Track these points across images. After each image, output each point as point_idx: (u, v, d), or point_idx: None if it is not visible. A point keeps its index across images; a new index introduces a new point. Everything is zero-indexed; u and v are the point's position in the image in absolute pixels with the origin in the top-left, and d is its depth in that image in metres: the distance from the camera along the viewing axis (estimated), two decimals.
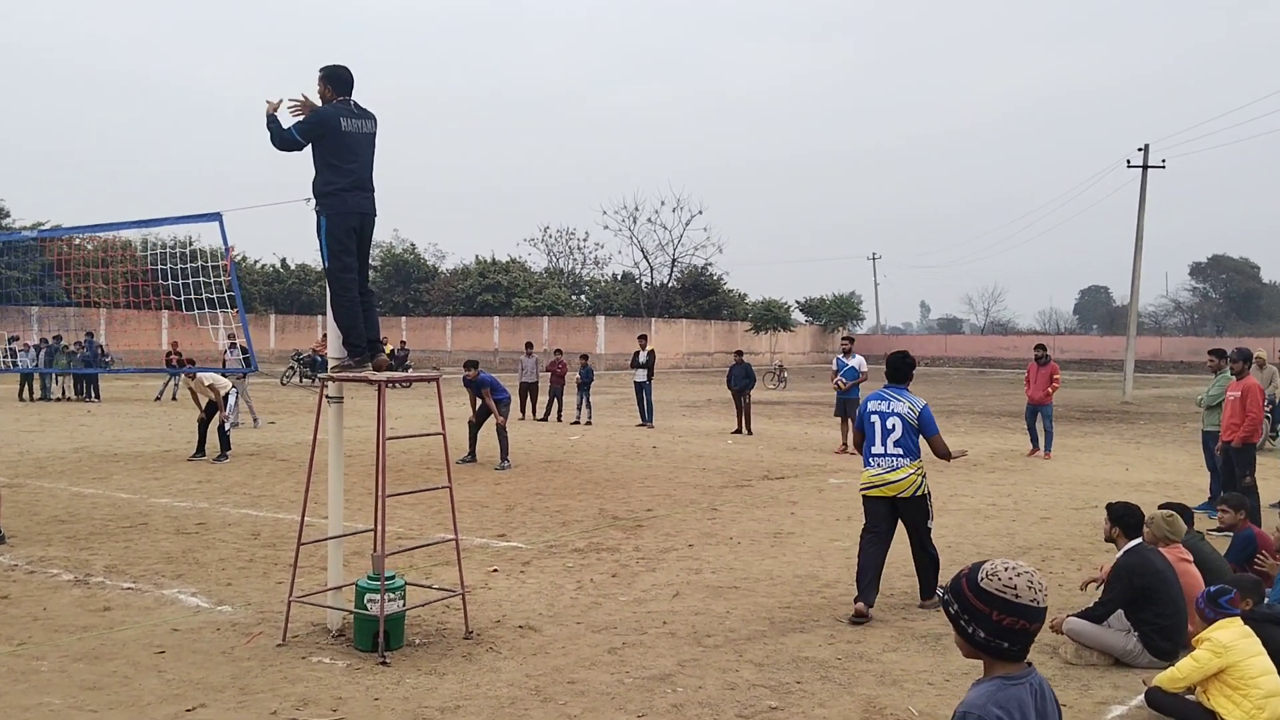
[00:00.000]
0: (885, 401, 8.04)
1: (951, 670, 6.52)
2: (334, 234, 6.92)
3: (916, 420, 7.92)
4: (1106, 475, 15.71)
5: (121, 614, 7.50)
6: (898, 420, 7.90)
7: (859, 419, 8.24)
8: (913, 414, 7.93)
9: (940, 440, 8.07)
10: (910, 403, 8.00)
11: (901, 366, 8.28)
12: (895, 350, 8.60)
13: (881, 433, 7.93)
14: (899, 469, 7.87)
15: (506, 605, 7.92)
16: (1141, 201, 34.86)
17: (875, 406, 8.05)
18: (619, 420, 24.69)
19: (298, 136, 6.81)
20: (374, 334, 7.24)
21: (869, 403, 8.13)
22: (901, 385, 8.19)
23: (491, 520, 11.41)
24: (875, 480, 7.95)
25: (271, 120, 6.90)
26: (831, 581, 8.78)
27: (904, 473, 7.87)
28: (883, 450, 7.90)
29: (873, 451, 7.97)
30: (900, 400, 8.02)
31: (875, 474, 7.95)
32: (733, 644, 6.99)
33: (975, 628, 2.58)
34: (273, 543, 10.12)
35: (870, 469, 7.99)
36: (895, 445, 7.87)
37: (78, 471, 14.73)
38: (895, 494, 7.89)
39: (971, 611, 2.58)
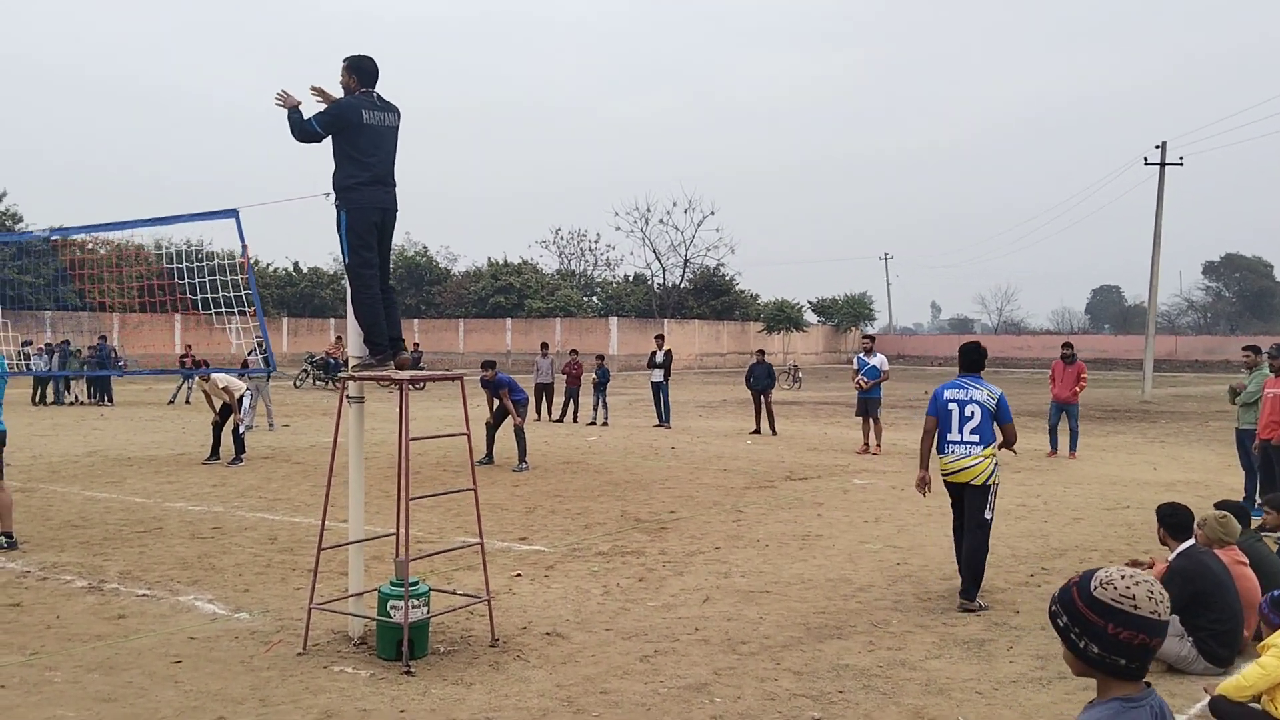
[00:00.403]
0: (963, 390, 8.24)
1: (999, 678, 6.26)
2: (355, 229, 6.70)
3: (995, 407, 8.11)
4: (1134, 475, 15.41)
5: (136, 622, 7.28)
6: (977, 408, 8.11)
7: (933, 407, 8.37)
8: (991, 401, 8.13)
9: (1012, 427, 8.25)
10: (989, 390, 8.21)
11: (975, 356, 8.49)
12: (968, 341, 8.83)
13: (959, 420, 8.14)
14: (973, 455, 8.05)
15: (532, 611, 7.68)
16: (1159, 199, 34.50)
17: (952, 395, 8.25)
18: (635, 421, 24.45)
19: (318, 128, 6.59)
20: (396, 332, 7.01)
21: (945, 391, 8.34)
22: (976, 374, 8.39)
23: (512, 523, 11.17)
24: (950, 466, 8.17)
25: (293, 112, 6.68)
26: (865, 585, 8.51)
27: (977, 459, 8.04)
28: (959, 437, 8.12)
29: (949, 438, 8.18)
30: (978, 389, 8.22)
31: (950, 460, 8.16)
32: (769, 651, 6.74)
33: (1088, 642, 2.31)
34: (290, 547, 9.90)
35: (945, 455, 8.20)
36: (972, 433, 8.08)
37: (91, 476, 14.55)
38: (967, 480, 8.07)
39: (1084, 624, 2.32)
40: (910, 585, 8.55)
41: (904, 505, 12.40)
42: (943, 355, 75.48)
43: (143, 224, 7.73)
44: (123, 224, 7.83)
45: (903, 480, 14.52)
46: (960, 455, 8.09)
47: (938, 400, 8.35)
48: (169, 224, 7.54)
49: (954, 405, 8.21)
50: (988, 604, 8.00)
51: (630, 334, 60.43)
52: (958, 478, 8.14)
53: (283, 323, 62.94)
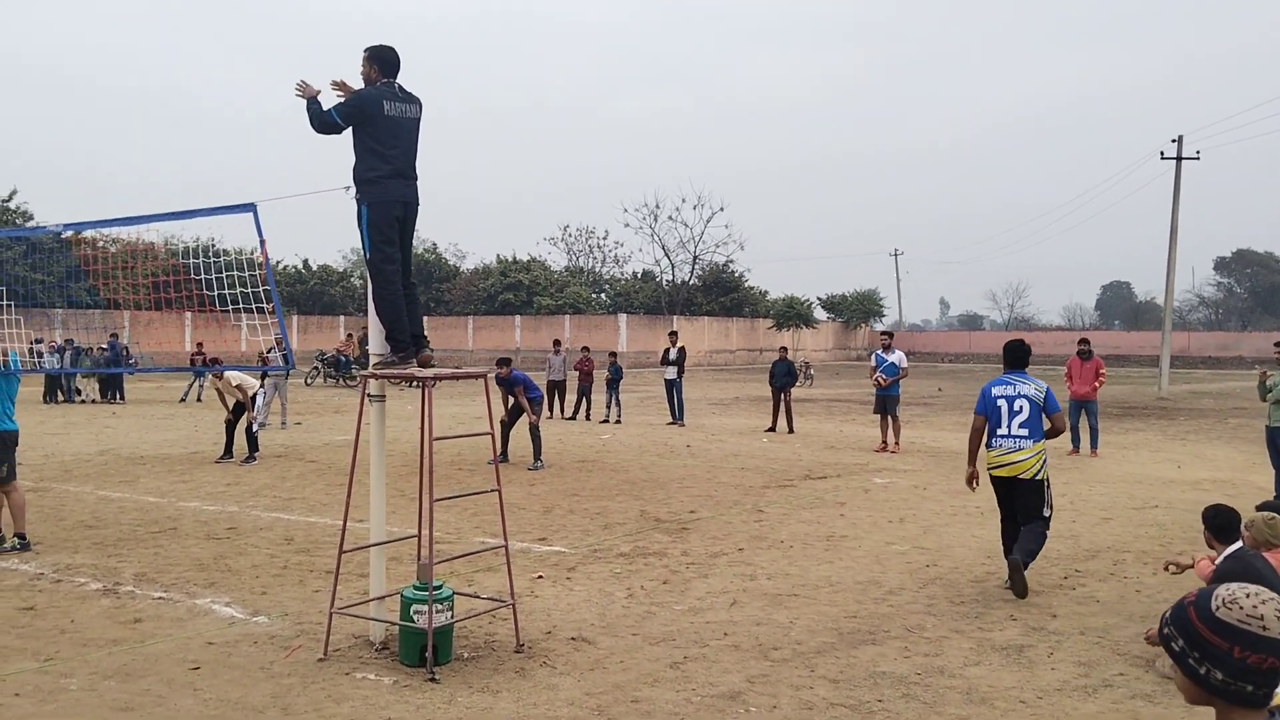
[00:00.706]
0: (1011, 386, 8.48)
1: (1043, 686, 6.06)
2: (376, 223, 6.52)
3: (1044, 401, 8.33)
4: (1159, 473, 15.19)
5: (153, 626, 7.12)
6: (1025, 402, 8.32)
7: (982, 405, 8.59)
8: (1039, 395, 8.36)
9: (1061, 417, 8.56)
10: (1035, 385, 8.46)
11: (1020, 353, 8.71)
12: (1012, 339, 9.06)
13: (1008, 414, 8.35)
14: (1023, 449, 8.26)
15: (556, 615, 7.50)
16: (1176, 193, 34.22)
17: (1000, 391, 8.49)
18: (648, 419, 24.26)
19: (338, 119, 6.41)
20: (418, 329, 6.84)
21: (993, 388, 8.56)
22: (1022, 370, 8.64)
23: (530, 523, 11.00)
24: (999, 460, 8.35)
25: (312, 102, 6.50)
26: (895, 589, 8.32)
27: (1027, 453, 8.24)
28: (1008, 431, 8.33)
29: (998, 432, 8.38)
30: (1026, 384, 8.47)
31: (999, 454, 8.35)
32: (802, 658, 6.55)
33: (1210, 668, 2.08)
34: (306, 548, 9.74)
35: (994, 449, 8.40)
36: (1021, 427, 8.28)
37: (104, 475, 14.41)
38: (1017, 474, 8.27)
39: (1204, 648, 2.09)
40: (942, 588, 8.35)
41: (928, 505, 12.20)
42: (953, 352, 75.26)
43: (159, 218, 7.57)
44: (138, 219, 7.68)
45: (924, 479, 14.33)
46: (1009, 449, 8.28)
47: (986, 397, 8.56)
48: (186, 218, 7.38)
49: (1003, 401, 8.42)
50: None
51: (640, 331, 60.28)
52: (1007, 471, 8.30)
53: (293, 320, 62.88)
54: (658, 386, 36.47)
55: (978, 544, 10.04)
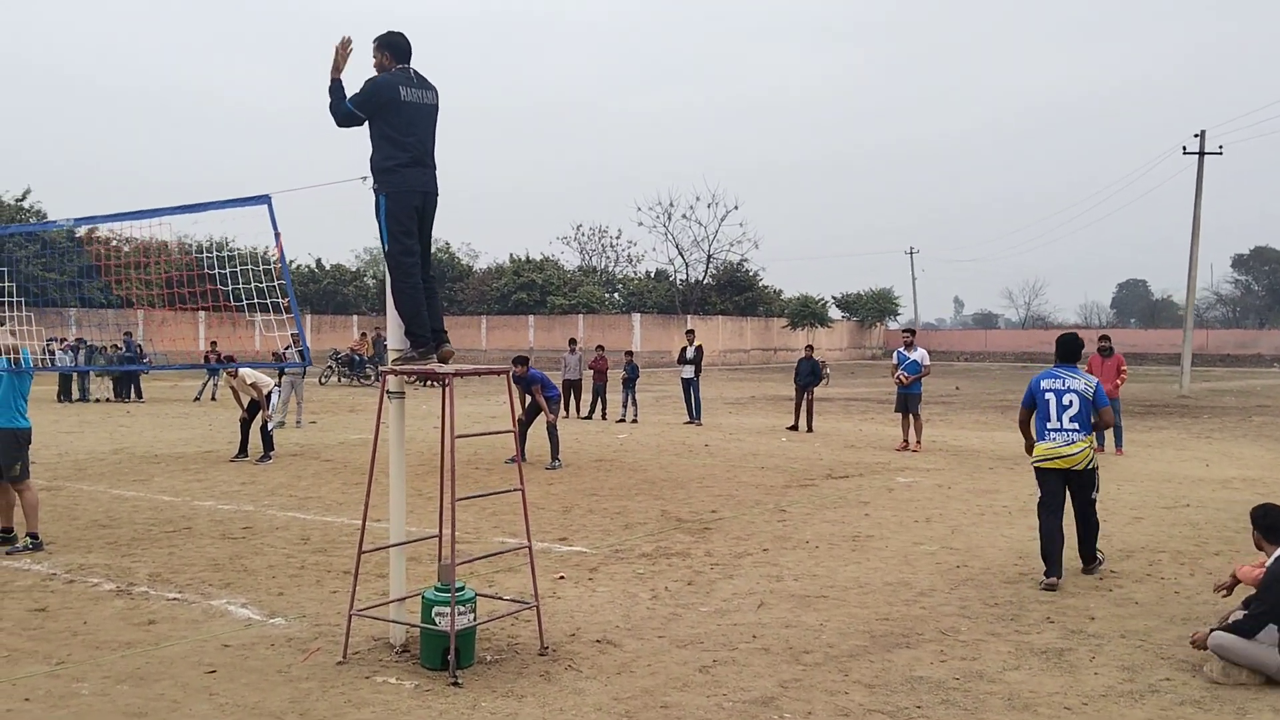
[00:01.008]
0: (1059, 379, 8.51)
1: (1087, 692, 5.84)
2: (394, 214, 6.33)
3: (1093, 395, 8.39)
4: (1187, 472, 14.92)
5: (168, 628, 6.95)
6: (1075, 397, 8.37)
7: (1028, 398, 8.68)
8: (1089, 389, 8.41)
9: (1109, 411, 8.71)
10: (1086, 380, 8.51)
11: (1073, 347, 8.79)
12: (1065, 333, 9.07)
13: (1057, 409, 8.40)
14: (1075, 443, 8.33)
15: (579, 616, 7.31)
16: (1198, 189, 33.87)
17: (1049, 385, 8.53)
18: (665, 418, 24.07)
19: (354, 108, 6.22)
20: (438, 323, 6.64)
21: (1041, 381, 8.60)
22: (1073, 364, 8.70)
23: (550, 523, 10.80)
24: (1051, 453, 8.39)
25: (335, 87, 6.30)
26: (926, 590, 8.09)
27: (1079, 446, 8.33)
28: (1059, 425, 8.39)
29: (1048, 427, 8.43)
30: (1076, 378, 8.51)
31: (1051, 447, 8.40)
32: (835, 661, 6.34)
33: None
34: (324, 548, 9.57)
35: (1045, 443, 8.44)
36: (1071, 420, 8.35)
37: (117, 474, 14.28)
38: (1070, 466, 8.36)
39: None
40: (974, 589, 8.12)
41: (954, 505, 11.97)
42: (969, 351, 74.87)
43: (171, 212, 7.39)
44: (150, 212, 7.50)
45: (948, 478, 14.10)
46: (1062, 443, 8.36)
47: (1033, 390, 8.65)
48: (200, 211, 7.19)
49: (1050, 395, 8.47)
50: (1104, 557, 8.73)
51: (653, 330, 60.11)
52: (1059, 464, 8.37)
53: (307, 320, 62.90)
54: (672, 386, 36.29)
55: (1008, 544, 9.81)
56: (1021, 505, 11.91)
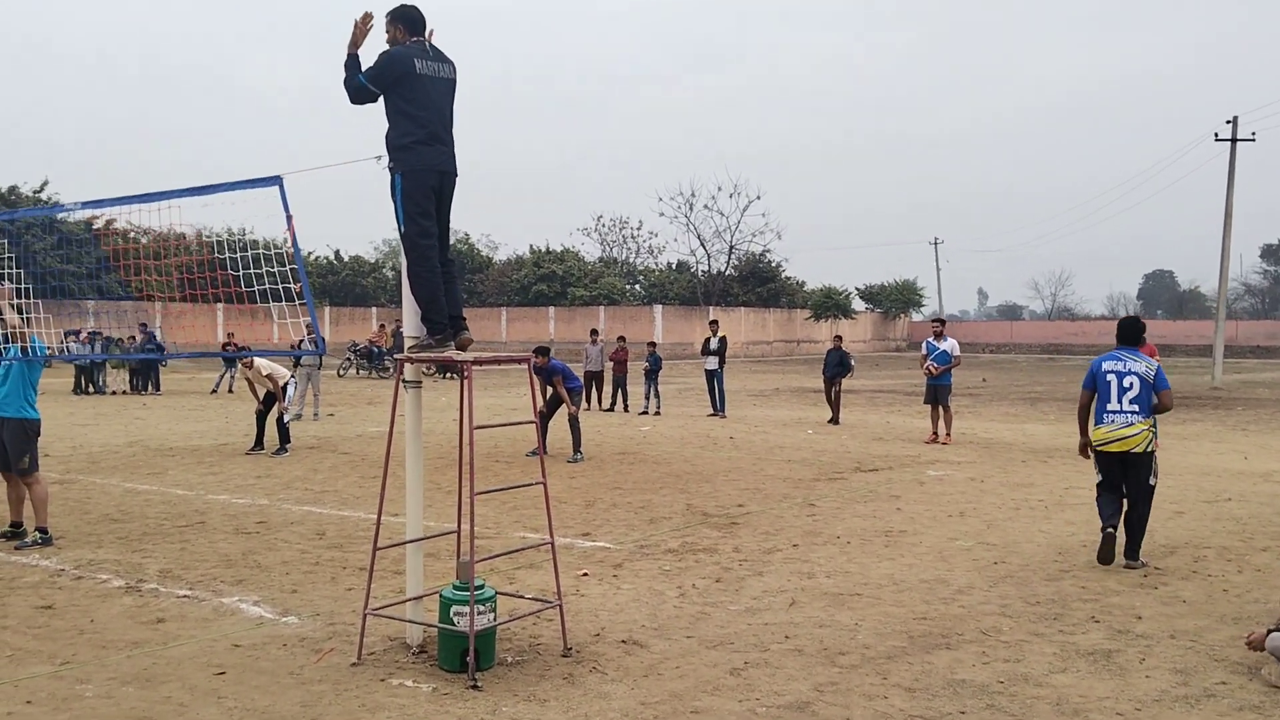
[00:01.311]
0: (1121, 362, 8.57)
1: (1139, 696, 5.51)
2: (410, 194, 6.04)
3: (1154, 378, 8.44)
4: (1226, 465, 14.51)
5: (176, 626, 6.70)
6: (1135, 379, 8.43)
7: (1089, 381, 8.69)
8: (1150, 372, 8.46)
9: (1169, 394, 8.60)
10: (1146, 363, 8.55)
11: (1134, 329, 8.84)
12: (1126, 317, 9.20)
13: (1118, 391, 8.46)
14: (1134, 424, 8.36)
15: (604, 615, 7.02)
16: (1230, 177, 33.25)
17: (1110, 367, 8.59)
18: (688, 410, 23.78)
19: (367, 82, 5.93)
20: (457, 310, 6.34)
21: (1103, 363, 8.67)
22: (1133, 347, 8.70)
23: (572, 517, 10.52)
24: (1111, 436, 8.43)
25: (351, 62, 6.01)
26: (964, 588, 7.76)
27: (1138, 428, 8.36)
28: (1119, 407, 8.43)
29: (1108, 408, 8.48)
30: (1137, 360, 8.54)
31: (1110, 430, 8.44)
32: (872, 663, 6.03)
33: None
34: (339, 543, 9.32)
35: (1104, 425, 8.48)
36: (1131, 403, 8.39)
37: (131, 467, 14.09)
38: (1129, 449, 8.36)
39: None
40: (1014, 587, 7.79)
41: (988, 499, 11.62)
42: (994, 342, 74.16)
43: (180, 194, 7.14)
44: (158, 195, 7.25)
45: (980, 472, 13.74)
46: (1121, 425, 8.40)
47: (1095, 373, 8.67)
48: (210, 193, 6.93)
49: (1112, 376, 8.52)
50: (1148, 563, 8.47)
51: (675, 322, 59.78)
52: (1118, 446, 8.39)
53: (325, 312, 62.97)
54: (694, 378, 35.99)
55: (1045, 540, 9.46)
56: (1057, 499, 11.56)
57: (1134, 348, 8.70)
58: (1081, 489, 12.29)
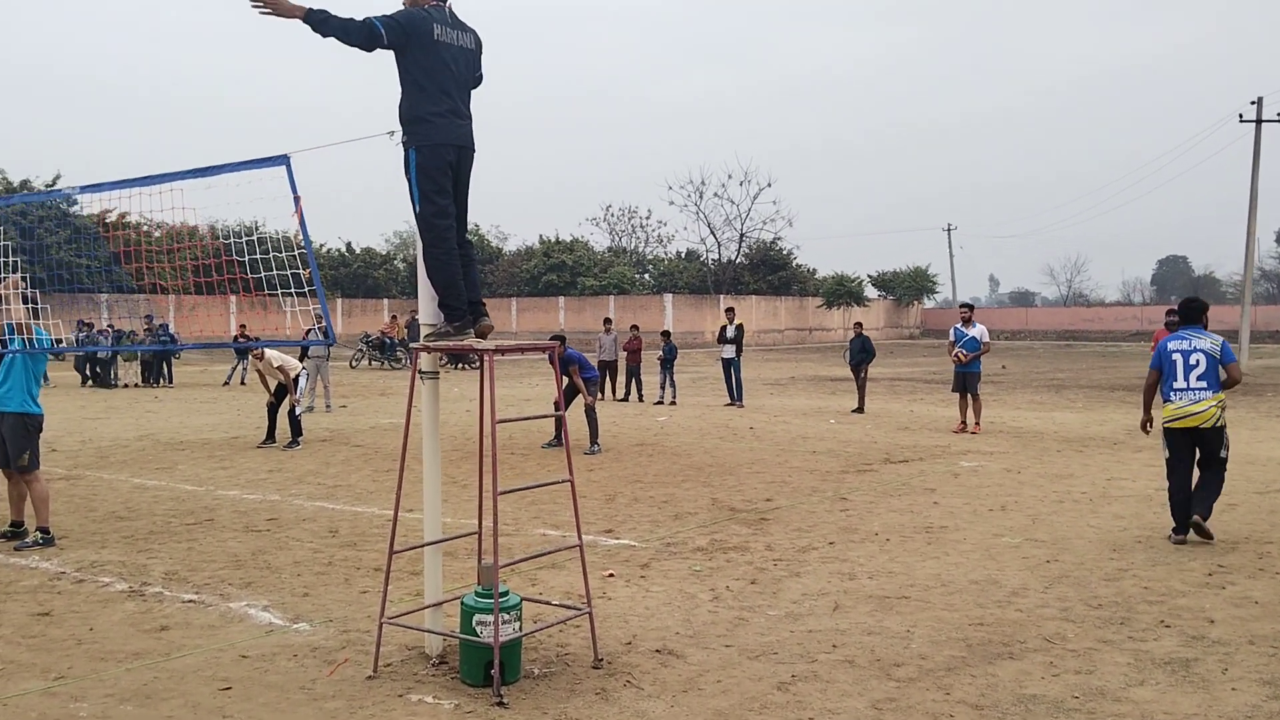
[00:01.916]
0: (1186, 340, 8.72)
1: (1230, 713, 5.02)
2: (426, 170, 5.57)
3: (1219, 354, 8.60)
4: (1270, 453, 13.98)
5: (180, 635, 6.27)
6: (1201, 356, 8.58)
7: (1156, 360, 8.84)
8: (1215, 349, 8.63)
9: (1236, 367, 8.78)
10: (1211, 339, 8.70)
11: (1196, 309, 8.98)
12: (1189, 297, 9.40)
13: (1184, 369, 8.60)
14: (1202, 401, 8.51)
15: (634, 621, 6.57)
16: (1256, 158, 32.61)
17: (1176, 346, 8.73)
18: (704, 399, 23.31)
19: (381, 29, 5.36)
20: (475, 295, 5.88)
21: (1169, 343, 8.81)
22: (1198, 325, 8.84)
23: (593, 513, 10.07)
24: (1179, 413, 8.59)
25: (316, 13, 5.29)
26: (1018, 589, 7.28)
27: (1206, 404, 8.50)
28: (1185, 385, 8.57)
29: (1175, 386, 8.62)
30: (1202, 338, 8.70)
31: (1179, 407, 8.59)
32: (931, 676, 5.56)
33: None
34: (353, 541, 8.88)
35: (1173, 402, 8.63)
36: (1199, 380, 8.54)
37: (141, 461, 13.68)
38: (1198, 425, 8.52)
39: None
40: (1071, 588, 7.31)
41: (1027, 491, 11.13)
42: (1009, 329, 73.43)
43: (182, 176, 6.70)
44: (160, 177, 6.80)
45: (1015, 462, 13.25)
46: (1190, 401, 8.53)
47: (1160, 353, 8.82)
48: (214, 174, 6.48)
49: (1178, 355, 8.67)
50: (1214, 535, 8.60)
51: (686, 311, 59.30)
52: (1187, 423, 8.54)
53: (337, 303, 62.63)
54: (707, 367, 35.54)
55: (1097, 535, 8.98)
56: (1101, 491, 11.07)
57: (1198, 326, 8.84)
58: (1124, 480, 11.81)
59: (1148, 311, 72.25)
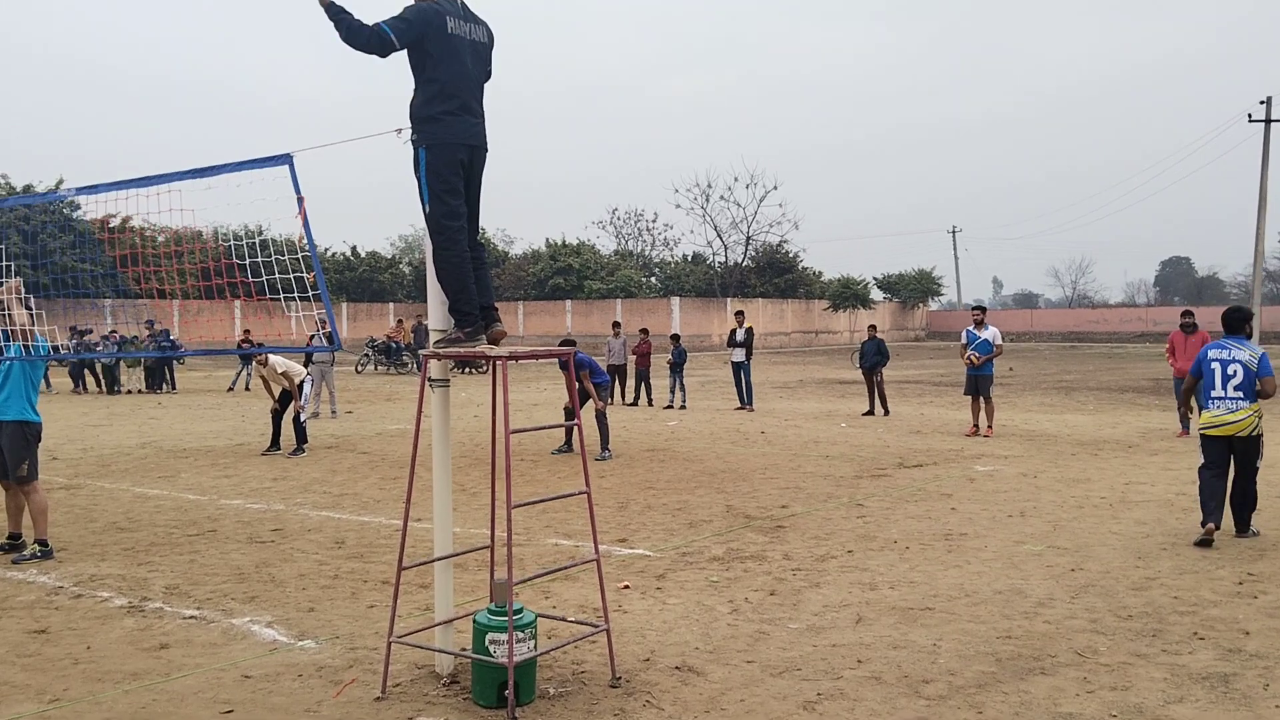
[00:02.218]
0: (1226, 350, 8.86)
1: None
2: (437, 169, 5.36)
3: (1257, 366, 8.67)
4: None
5: (181, 653, 6.06)
6: (1239, 366, 8.70)
7: (1196, 367, 9.06)
8: (1254, 360, 8.71)
9: (1273, 380, 8.75)
10: (1251, 350, 8.80)
11: (1238, 319, 9.13)
12: (1232, 306, 9.42)
13: (1222, 378, 8.75)
14: (1239, 410, 8.65)
15: (652, 636, 6.35)
16: (1265, 157, 32.35)
17: (1216, 355, 8.89)
18: (713, 403, 23.10)
19: (390, 33, 5.20)
20: (488, 299, 5.66)
21: (1209, 351, 9.00)
22: (1240, 335, 8.96)
23: (605, 521, 9.85)
24: (1216, 421, 8.74)
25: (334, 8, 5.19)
26: (1045, 600, 7.06)
27: (1244, 414, 8.64)
28: (1223, 394, 8.73)
29: (1213, 395, 8.79)
30: (1241, 349, 8.81)
31: (1216, 415, 8.75)
32: (962, 694, 5.33)
33: None
34: (360, 552, 8.67)
35: (1210, 410, 8.81)
36: (1235, 389, 8.68)
37: (143, 470, 13.48)
38: (1234, 433, 8.67)
39: None
40: (1099, 598, 7.08)
41: (1046, 496, 10.90)
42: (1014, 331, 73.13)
43: (181, 176, 6.51)
44: (158, 178, 6.61)
45: (1031, 466, 13.02)
46: (1226, 410, 8.69)
47: (1202, 360, 8.99)
48: (214, 174, 6.29)
49: (1216, 364, 8.81)
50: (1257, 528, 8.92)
51: (693, 314, 59.08)
52: (1224, 431, 8.69)
53: (342, 308, 62.48)
54: (715, 370, 35.31)
55: (1120, 543, 8.75)
56: (1120, 497, 10.84)
57: (1241, 336, 8.95)
58: (1143, 484, 11.58)
59: (1153, 313, 71.98)
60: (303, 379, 15.39)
